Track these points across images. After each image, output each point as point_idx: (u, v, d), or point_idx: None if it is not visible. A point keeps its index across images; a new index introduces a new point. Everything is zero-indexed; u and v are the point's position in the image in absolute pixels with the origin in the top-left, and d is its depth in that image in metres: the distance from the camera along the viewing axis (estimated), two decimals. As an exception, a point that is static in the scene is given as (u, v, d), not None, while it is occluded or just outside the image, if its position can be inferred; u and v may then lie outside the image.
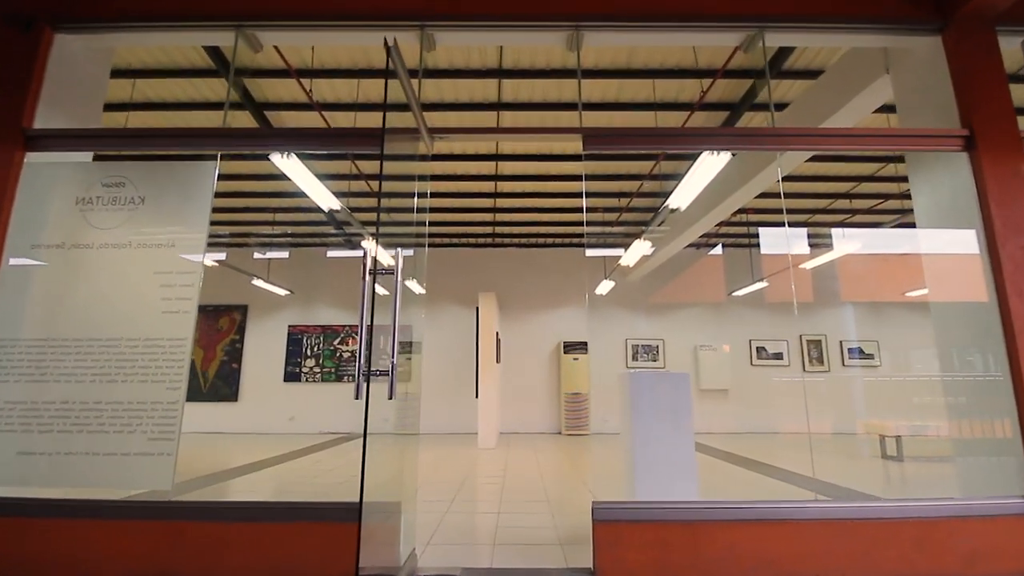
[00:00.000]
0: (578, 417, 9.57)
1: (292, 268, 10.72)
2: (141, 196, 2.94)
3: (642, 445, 3.35)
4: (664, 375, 3.43)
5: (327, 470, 5.69)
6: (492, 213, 9.16)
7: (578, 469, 5.79)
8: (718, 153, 4.00)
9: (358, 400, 2.04)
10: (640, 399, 3.42)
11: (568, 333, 10.34)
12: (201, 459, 6.51)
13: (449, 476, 5.31)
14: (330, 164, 7.39)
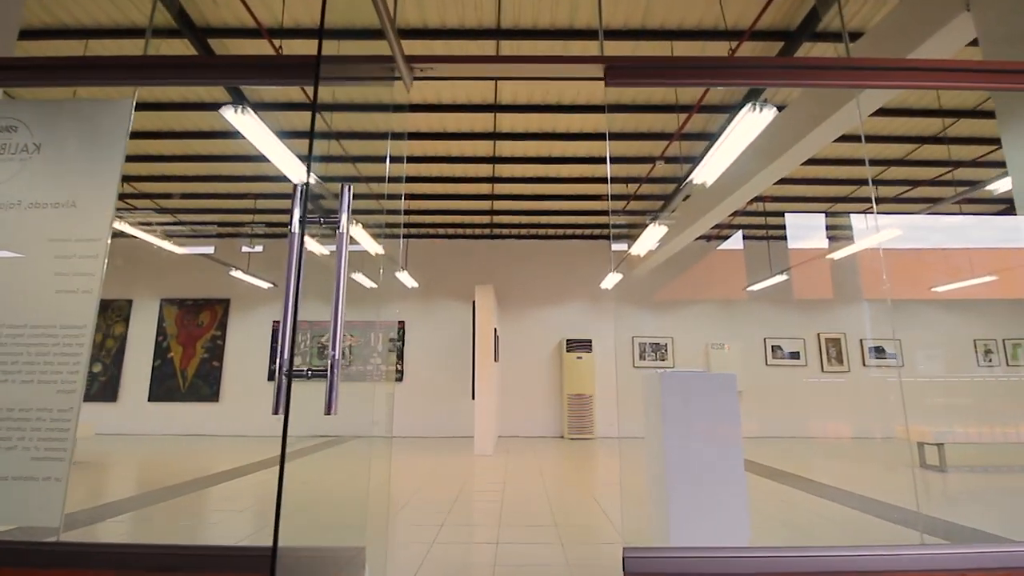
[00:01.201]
0: (582, 420, 8.93)
1: (274, 260, 10.07)
2: (36, 143, 2.28)
3: (678, 464, 2.71)
4: (705, 375, 2.79)
5: (302, 482, 5.04)
6: (490, 201, 8.51)
7: (586, 481, 5.14)
8: (760, 109, 3.36)
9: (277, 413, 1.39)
10: (674, 406, 2.78)
11: (571, 330, 9.69)
12: (167, 466, 5.87)
13: (440, 491, 4.66)
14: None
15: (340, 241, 1.47)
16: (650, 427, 3.03)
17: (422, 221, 9.41)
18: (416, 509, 3.95)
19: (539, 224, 9.48)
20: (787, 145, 4.66)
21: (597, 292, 9.86)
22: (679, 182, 7.68)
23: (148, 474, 5.38)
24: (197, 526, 3.57)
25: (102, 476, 5.17)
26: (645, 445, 3.13)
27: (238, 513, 3.86)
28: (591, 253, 10.07)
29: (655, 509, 2.98)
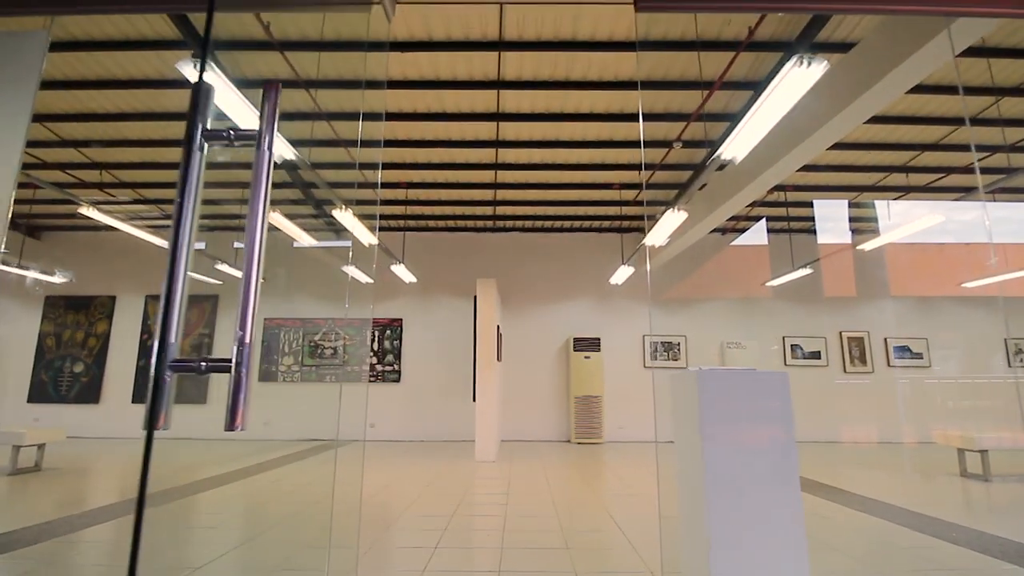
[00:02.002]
0: (590, 423, 8.40)
1: (266, 253, 9.56)
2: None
3: (720, 480, 2.19)
4: (751, 373, 2.28)
5: (284, 493, 4.53)
6: (493, 190, 8.01)
7: (599, 492, 4.62)
8: (808, 64, 2.85)
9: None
10: (714, 410, 2.26)
11: (579, 328, 9.17)
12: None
13: (436, 504, 4.14)
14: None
15: (260, 161, 0.96)
16: (682, 435, 2.52)
17: (420, 212, 8.90)
18: (407, 527, 3.44)
19: (545, 216, 8.97)
20: (845, 100, 4.11)
21: (606, 288, 9.34)
22: (701, 165, 7.15)
23: (115, 483, 4.89)
24: (147, 549, 3.07)
25: (62, 485, 4.68)
26: (676, 456, 2.61)
27: (208, 530, 3.36)
28: (600, 247, 9.55)
29: (689, 530, 2.47)
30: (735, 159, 5.80)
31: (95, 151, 7.02)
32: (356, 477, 5.40)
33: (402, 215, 8.98)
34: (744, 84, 5.63)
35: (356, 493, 4.58)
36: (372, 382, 9.00)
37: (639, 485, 4.92)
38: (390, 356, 9.11)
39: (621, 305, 9.29)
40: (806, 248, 9.40)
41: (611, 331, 9.16)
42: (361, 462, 5.96)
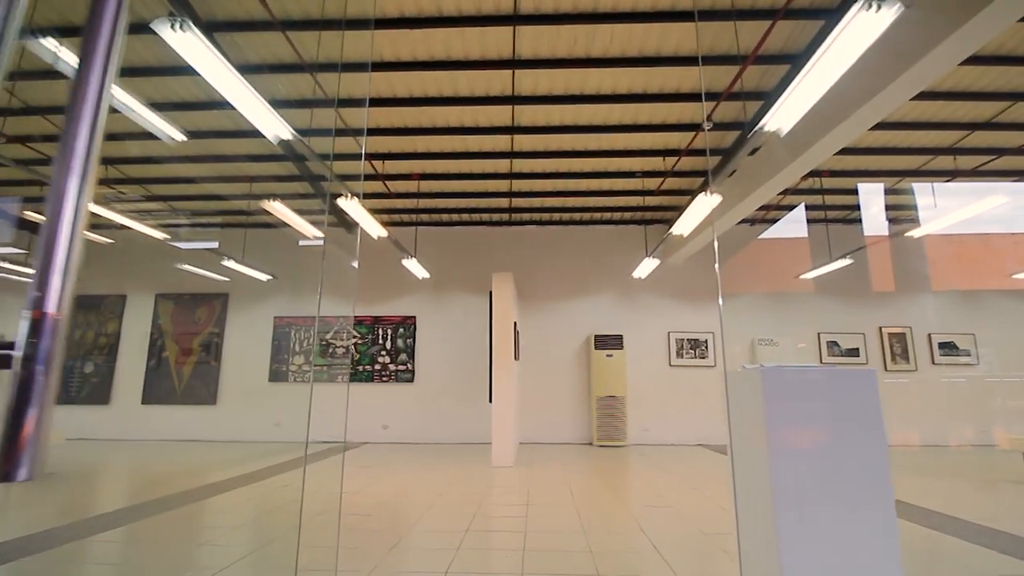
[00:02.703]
0: (612, 425, 7.98)
1: (274, 249, 9.33)
2: None
3: (792, 497, 1.78)
4: (829, 373, 1.87)
5: (289, 501, 4.21)
6: (509, 180, 7.63)
7: (629, 504, 4.21)
8: (877, 7, 2.41)
9: None
10: (784, 414, 1.85)
11: (600, 325, 8.74)
12: (145, 478, 5.11)
13: (448, 518, 3.77)
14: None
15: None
16: (741, 442, 2.11)
17: (434, 206, 8.56)
18: (415, 546, 3.08)
19: (563, 208, 8.57)
20: (893, 72, 3.65)
21: (629, 282, 8.90)
22: (731, 148, 6.68)
23: (109, 489, 4.63)
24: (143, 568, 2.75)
25: (53, 493, 4.43)
26: (732, 466, 2.21)
27: (197, 547, 3.04)
28: (622, 240, 9.11)
29: (752, 554, 2.06)
30: (776, 133, 5.32)
31: (98, 145, 6.80)
32: (363, 484, 5.07)
33: (414, 208, 8.65)
34: (780, 58, 5.18)
35: (365, 501, 4.25)
36: (385, 382, 8.69)
37: (671, 495, 4.50)
38: (403, 355, 8.79)
39: (645, 301, 8.84)
40: (843, 238, 8.84)
41: (634, 328, 8.72)
42: (340, 472, 5.63)
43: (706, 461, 6.47)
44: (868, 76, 3.98)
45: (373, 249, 9.19)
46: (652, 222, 9.14)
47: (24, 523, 3.47)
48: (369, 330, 8.91)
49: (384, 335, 8.88)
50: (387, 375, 8.73)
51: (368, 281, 9.10)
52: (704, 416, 8.36)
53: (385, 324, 8.92)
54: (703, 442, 8.23)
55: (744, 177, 6.30)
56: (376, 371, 8.76)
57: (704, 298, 8.83)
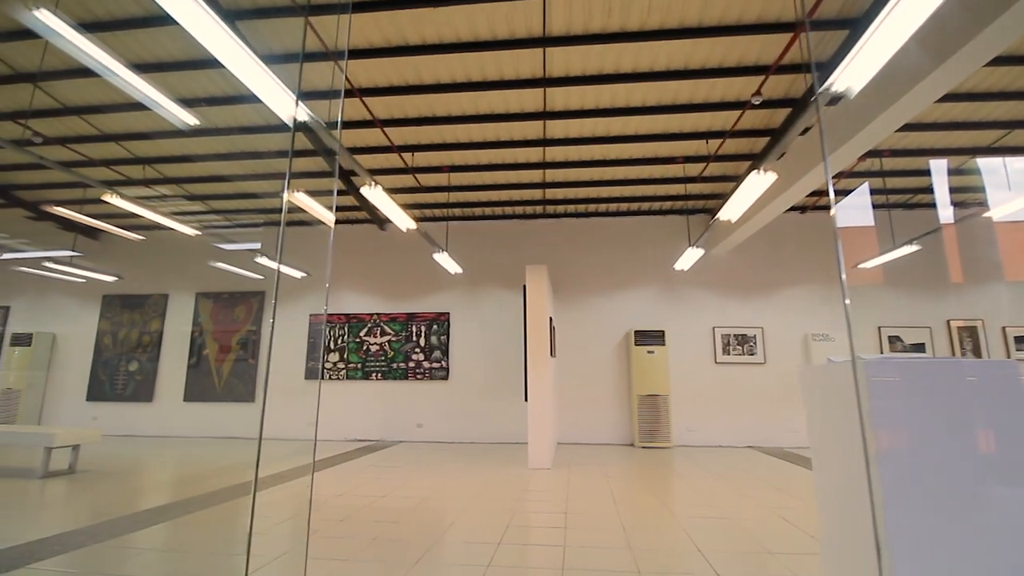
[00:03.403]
0: (655, 425, 7.57)
1: (308, 245, 9.30)
2: None
3: (909, 515, 1.43)
4: (951, 365, 1.51)
5: (307, 507, 4.05)
6: (541, 170, 7.32)
7: (678, 514, 3.85)
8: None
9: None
10: (896, 415, 1.49)
11: (640, 320, 8.33)
12: (177, 476, 5.08)
13: (480, 530, 3.51)
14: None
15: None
16: (827, 449, 1.76)
17: (465, 199, 8.33)
18: (443, 561, 2.83)
19: (599, 198, 8.19)
20: (968, 34, 3.18)
21: (670, 275, 8.44)
22: (781, 128, 6.17)
23: (142, 487, 4.59)
24: None
25: (89, 490, 4.41)
26: (816, 477, 1.86)
27: (206, 556, 2.89)
28: (662, 230, 8.66)
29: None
30: (834, 105, 4.81)
31: (135, 144, 6.88)
32: (392, 487, 4.88)
33: (445, 203, 8.45)
34: (838, 23, 4.68)
35: (393, 506, 4.04)
36: (419, 380, 8.54)
37: (724, 504, 4.12)
38: (437, 352, 8.61)
39: (687, 294, 8.36)
40: (905, 224, 8.13)
41: (677, 323, 8.26)
42: (310, 483, 5.44)
43: (759, 465, 6.01)
44: (940, 37, 3.49)
45: (404, 244, 9.05)
46: (695, 211, 8.65)
47: (59, 521, 3.42)
48: (403, 327, 8.77)
49: (418, 332, 8.73)
50: (421, 373, 8.58)
51: (401, 277, 8.97)
52: (754, 417, 7.85)
53: (419, 321, 8.76)
54: (753, 444, 7.73)
55: (796, 158, 5.80)
56: (410, 369, 8.62)
57: (752, 291, 8.29)
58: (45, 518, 3.57)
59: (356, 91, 5.58)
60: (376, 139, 6.61)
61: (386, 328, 8.82)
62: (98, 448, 6.95)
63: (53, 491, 4.42)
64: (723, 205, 7.69)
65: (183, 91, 5.75)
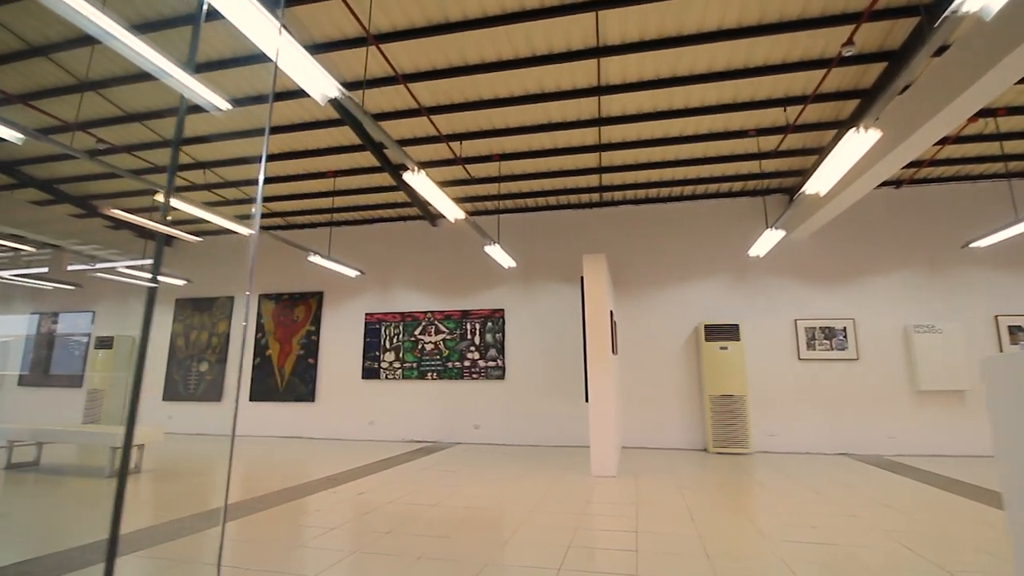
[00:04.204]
0: (731, 429, 6.89)
1: (362, 243, 9.26)
2: None
3: None
4: None
5: (356, 518, 3.80)
6: (597, 153, 6.82)
7: (772, 537, 3.29)
8: None
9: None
10: None
11: (711, 313, 7.64)
12: (237, 477, 5.04)
13: (537, 550, 3.11)
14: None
15: None
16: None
17: (516, 189, 7.96)
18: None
19: (661, 182, 7.57)
20: None
21: (744, 263, 7.69)
22: (873, 89, 5.36)
23: (204, 488, 4.53)
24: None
25: (151, 490, 4.40)
26: (1016, 491, 1.32)
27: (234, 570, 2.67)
28: (733, 214, 7.91)
29: None
30: (946, 50, 4.01)
31: (194, 148, 7.00)
32: (444, 494, 4.58)
33: (496, 195, 8.11)
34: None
35: (443, 517, 3.72)
36: (475, 379, 8.26)
37: (826, 525, 3.50)
38: (493, 350, 8.30)
39: (764, 283, 7.58)
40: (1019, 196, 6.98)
41: (753, 316, 7.51)
42: (407, 479, 5.12)
43: (856, 476, 5.24)
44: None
45: (456, 240, 8.81)
46: (770, 191, 7.84)
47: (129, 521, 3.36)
48: (457, 325, 8.53)
49: (472, 329, 8.46)
50: (477, 372, 8.30)
51: (454, 273, 8.73)
52: (846, 420, 6.98)
53: (473, 318, 8.49)
54: (847, 451, 6.87)
55: (894, 122, 4.98)
56: (465, 368, 8.36)
57: (838, 278, 7.40)
58: (96, 518, 3.52)
59: (400, 77, 5.34)
60: (423, 128, 6.36)
61: (440, 326, 8.60)
62: (165, 447, 7.16)
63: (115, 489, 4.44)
64: (804, 182, 6.88)
65: (233, 90, 5.74)
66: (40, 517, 3.57)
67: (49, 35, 4.92)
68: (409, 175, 4.06)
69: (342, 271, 8.07)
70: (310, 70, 2.85)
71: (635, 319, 7.86)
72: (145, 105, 6.02)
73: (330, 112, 6.06)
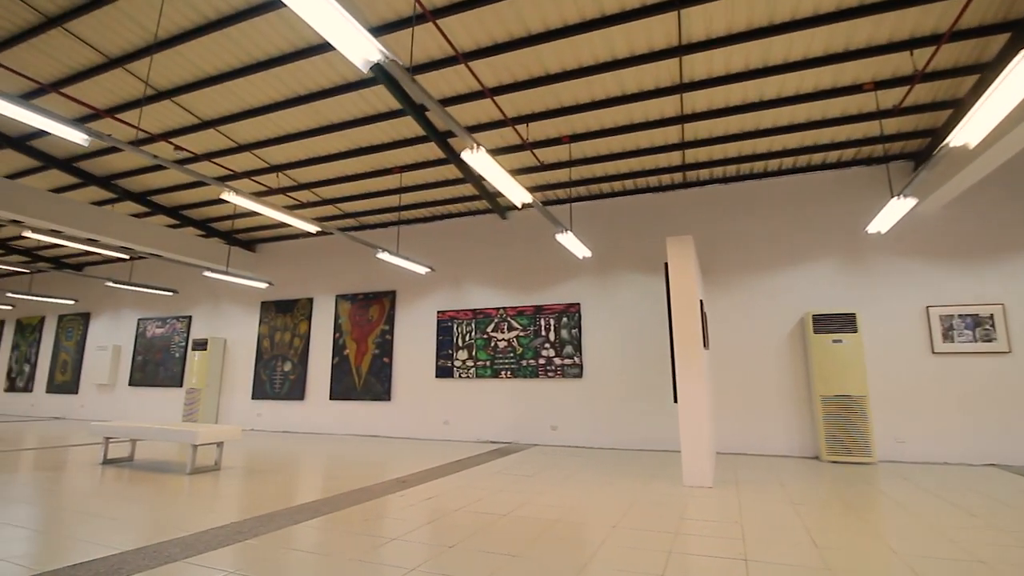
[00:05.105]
0: (849, 434, 5.92)
1: (431, 239, 9.10)
2: None
3: None
4: None
5: (420, 527, 3.47)
6: (679, 126, 6.13)
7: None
8: None
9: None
10: None
11: (819, 300, 6.67)
12: (303, 475, 4.94)
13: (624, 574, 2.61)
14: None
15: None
16: None
17: (589, 174, 7.41)
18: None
19: (755, 154, 6.71)
20: None
21: (860, 242, 6.63)
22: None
23: (281, 486, 4.44)
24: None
25: (231, 487, 4.37)
26: None
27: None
28: (845, 186, 6.86)
29: None
30: None
31: (267, 151, 7.12)
32: (518, 503, 4.17)
33: (567, 182, 7.61)
34: None
35: (516, 531, 3.30)
36: (551, 378, 7.81)
37: (997, 559, 2.70)
38: (569, 347, 7.80)
39: (886, 264, 6.50)
40: None
41: (872, 303, 6.45)
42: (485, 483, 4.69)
43: (1018, 494, 4.21)
44: None
45: (527, 232, 8.40)
46: (891, 158, 6.72)
47: (209, 518, 3.28)
48: (531, 321, 8.12)
49: (546, 325, 8.01)
50: (553, 370, 7.84)
51: (525, 267, 8.32)
52: (996, 424, 5.79)
53: (547, 313, 8.04)
54: (997, 461, 5.69)
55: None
56: (541, 366, 7.92)
57: (983, 256, 6.17)
58: (168, 516, 3.46)
59: (460, 56, 5.01)
60: (488, 113, 6.01)
61: (513, 323, 8.23)
62: (248, 444, 7.33)
63: (195, 487, 4.46)
64: (936, 143, 5.84)
65: (296, 86, 5.70)
66: (122, 511, 3.56)
67: (124, 46, 5.09)
68: (468, 153, 3.69)
69: (412, 268, 7.93)
70: (348, 30, 2.54)
71: (727, 311, 7.04)
72: (216, 111, 6.15)
73: (390, 101, 5.87)
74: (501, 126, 6.19)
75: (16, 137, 6.87)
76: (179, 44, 4.96)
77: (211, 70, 5.44)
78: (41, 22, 4.74)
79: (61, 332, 12.84)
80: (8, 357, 13.62)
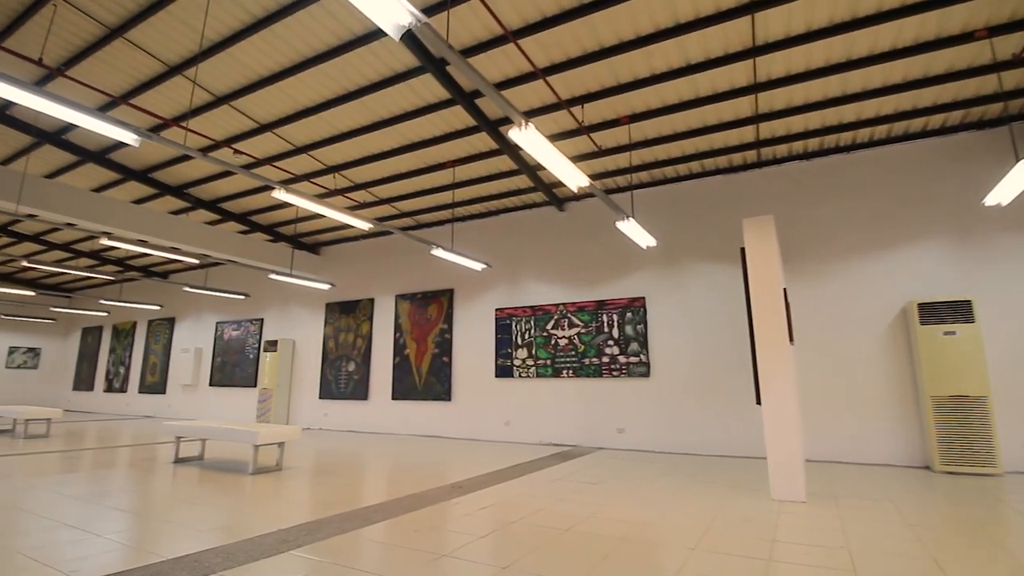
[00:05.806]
0: (968, 441, 5.09)
1: (487, 235, 8.88)
2: None
3: None
4: None
5: (472, 542, 3.20)
6: (752, 96, 5.53)
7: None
8: None
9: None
10: None
11: (925, 287, 5.82)
12: (371, 479, 4.83)
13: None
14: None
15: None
16: None
17: (652, 157, 6.89)
18: None
19: (842, 124, 5.96)
20: None
21: (973, 218, 5.72)
22: None
23: (342, 488, 4.35)
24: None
25: (293, 488, 4.32)
26: None
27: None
28: (954, 154, 5.95)
29: None
30: None
31: (322, 152, 7.15)
32: (583, 515, 3.82)
33: (627, 167, 7.13)
34: None
35: (580, 548, 2.97)
36: (616, 377, 7.37)
37: None
38: (635, 344, 7.32)
39: (1008, 243, 5.56)
40: None
41: (992, 288, 5.54)
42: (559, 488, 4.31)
43: None
44: None
45: (586, 223, 7.98)
46: (1014, 118, 5.74)
47: (272, 520, 3.21)
48: (592, 317, 7.71)
49: (609, 322, 7.57)
50: (617, 369, 7.39)
51: (585, 261, 7.92)
52: None
53: (609, 309, 7.60)
54: None
55: None
56: (604, 364, 7.50)
57: None
58: (216, 520, 3.40)
59: (508, 35, 4.72)
60: (540, 96, 5.69)
61: (574, 319, 7.85)
62: (312, 444, 7.40)
63: (254, 489, 4.45)
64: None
65: (344, 82, 5.63)
66: (175, 513, 3.56)
67: (181, 52, 5.19)
68: (516, 132, 3.38)
69: (468, 264, 7.73)
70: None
71: (813, 301, 6.32)
72: (271, 113, 6.21)
73: (437, 89, 5.67)
74: (555, 109, 5.84)
75: (96, 151, 7.29)
76: (230, 46, 5.00)
77: (263, 71, 5.47)
78: (104, 34, 4.91)
79: (150, 336, 13.79)
80: (106, 360, 14.82)
